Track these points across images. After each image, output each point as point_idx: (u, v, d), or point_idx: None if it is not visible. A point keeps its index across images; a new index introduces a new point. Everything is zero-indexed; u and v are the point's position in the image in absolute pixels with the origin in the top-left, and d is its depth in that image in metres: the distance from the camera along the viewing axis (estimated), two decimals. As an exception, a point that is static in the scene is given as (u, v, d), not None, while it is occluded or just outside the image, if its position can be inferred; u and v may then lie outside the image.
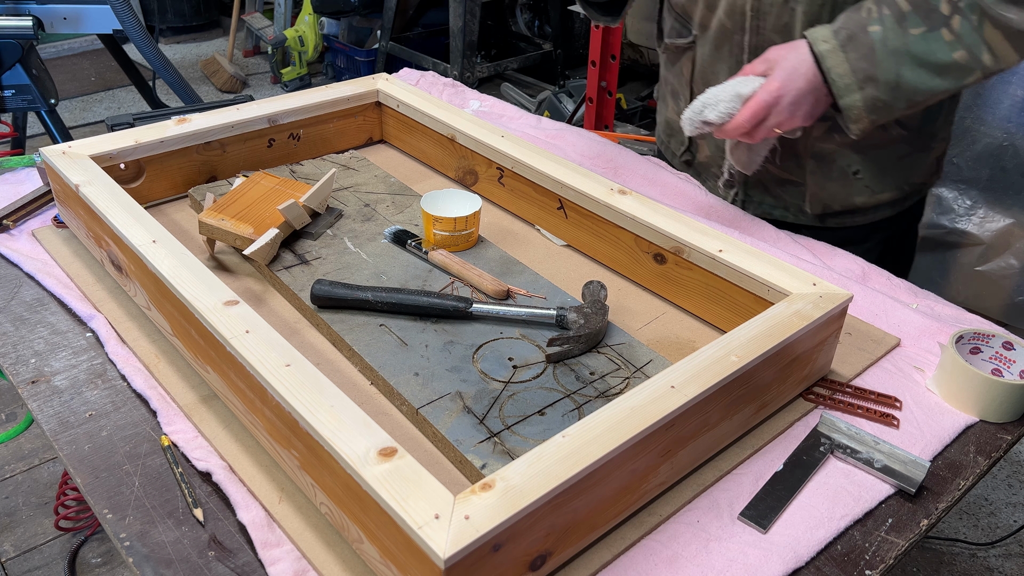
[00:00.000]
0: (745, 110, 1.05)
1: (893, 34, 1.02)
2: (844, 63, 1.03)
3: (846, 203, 1.28)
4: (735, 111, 1.06)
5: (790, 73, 1.04)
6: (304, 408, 0.72)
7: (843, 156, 1.23)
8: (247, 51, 4.88)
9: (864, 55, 1.02)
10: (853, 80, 1.03)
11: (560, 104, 3.48)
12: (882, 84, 1.03)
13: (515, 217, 1.25)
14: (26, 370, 0.96)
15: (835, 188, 1.26)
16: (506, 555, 0.66)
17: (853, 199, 1.27)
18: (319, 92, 1.37)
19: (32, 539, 1.94)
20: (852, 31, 1.03)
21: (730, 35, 1.20)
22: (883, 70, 1.02)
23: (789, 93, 1.04)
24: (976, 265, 2.52)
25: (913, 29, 1.01)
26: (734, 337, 0.84)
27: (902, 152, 1.24)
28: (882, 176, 1.25)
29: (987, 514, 2.15)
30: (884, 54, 1.02)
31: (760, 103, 1.04)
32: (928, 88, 1.03)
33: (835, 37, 1.03)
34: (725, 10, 1.19)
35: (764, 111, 1.05)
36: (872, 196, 1.27)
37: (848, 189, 1.26)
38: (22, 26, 2.25)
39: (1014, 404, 0.93)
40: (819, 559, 0.77)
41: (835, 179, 1.25)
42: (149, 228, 0.97)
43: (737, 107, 1.06)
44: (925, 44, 1.01)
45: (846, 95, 1.04)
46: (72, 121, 3.94)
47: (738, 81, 1.08)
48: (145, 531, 0.77)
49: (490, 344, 0.95)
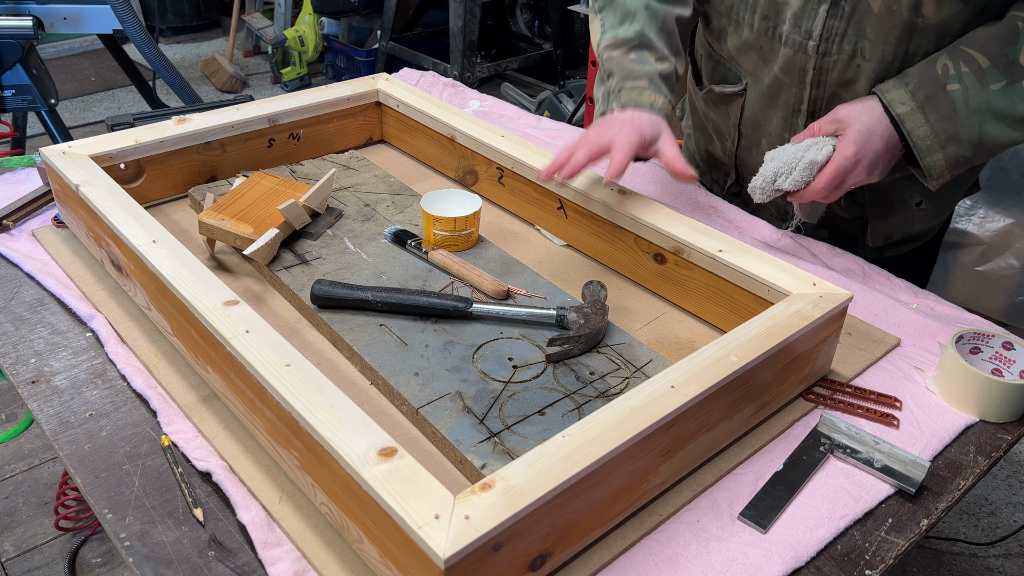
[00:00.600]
0: (822, 177, 1.02)
1: (974, 92, 0.98)
2: (925, 124, 1.00)
3: (906, 232, 1.26)
4: (810, 178, 1.03)
5: (866, 137, 1.01)
6: (304, 408, 0.72)
7: (903, 187, 1.20)
8: (247, 51, 4.88)
9: (945, 115, 0.99)
10: (935, 141, 1.00)
11: (560, 104, 3.48)
12: (965, 143, 1.00)
13: (515, 217, 1.25)
14: (26, 370, 0.96)
15: (897, 220, 1.24)
16: (506, 555, 0.66)
17: (913, 227, 1.26)
18: (319, 92, 1.37)
19: (32, 539, 1.94)
20: (930, 92, 1.00)
21: (787, 88, 1.15)
22: (966, 129, 0.99)
23: (867, 157, 1.01)
24: (976, 265, 2.52)
25: (994, 84, 0.98)
26: (734, 337, 0.84)
27: (962, 178, 1.22)
28: (942, 202, 1.24)
29: (987, 514, 2.15)
30: (966, 114, 0.99)
31: (839, 169, 1.01)
32: (1010, 140, 1.01)
33: (913, 99, 1.00)
34: (781, 66, 1.13)
35: (842, 176, 1.02)
36: (930, 222, 1.27)
37: (909, 219, 1.24)
38: (22, 26, 2.25)
39: (1014, 404, 0.93)
40: (819, 559, 0.77)
41: (897, 211, 1.23)
42: (149, 228, 0.97)
43: (812, 174, 1.03)
44: (1007, 99, 0.98)
45: (928, 156, 1.01)
46: (72, 121, 3.94)
47: (808, 144, 1.04)
48: (145, 531, 0.77)
49: (490, 344, 0.95)
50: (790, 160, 1.04)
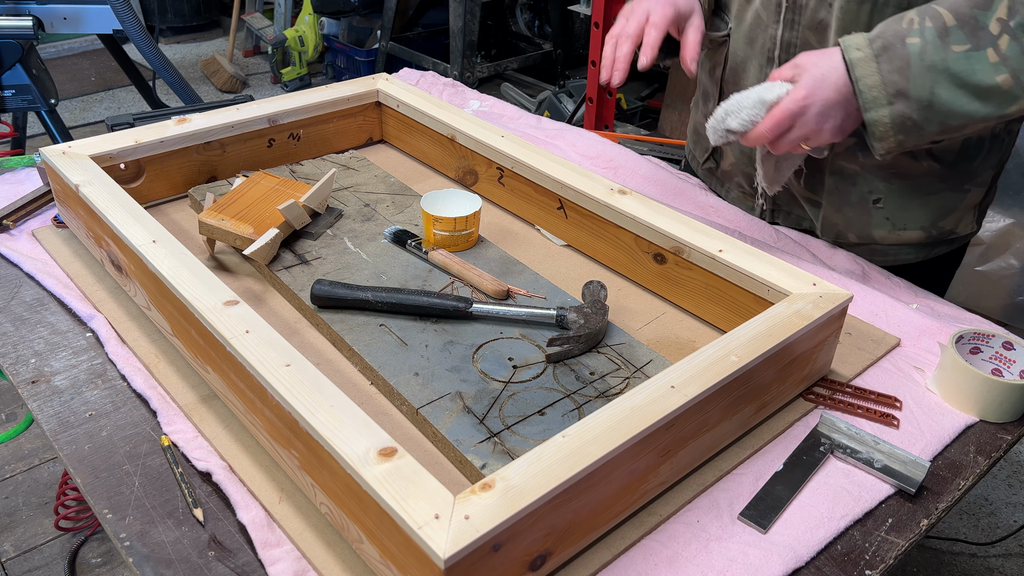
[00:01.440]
0: (768, 118, 0.99)
1: (933, 48, 0.93)
2: (876, 74, 0.95)
3: (863, 234, 1.21)
4: (758, 118, 1.00)
5: (819, 81, 0.97)
6: (304, 408, 0.72)
7: (866, 180, 1.16)
8: (247, 51, 4.88)
9: (898, 68, 0.94)
10: (883, 93, 0.95)
11: (560, 104, 3.48)
12: (913, 101, 0.95)
13: (515, 217, 1.25)
14: (26, 370, 0.96)
15: (852, 214, 1.19)
16: (506, 555, 0.66)
17: (871, 231, 1.20)
18: (319, 92, 1.37)
19: (32, 539, 1.94)
20: (889, 41, 0.95)
21: (764, 27, 1.14)
22: (916, 86, 0.94)
23: (816, 103, 0.97)
24: (976, 265, 2.52)
25: (956, 46, 0.93)
26: (734, 337, 0.84)
27: (932, 188, 1.15)
28: (906, 210, 1.17)
29: (987, 514, 2.15)
30: (920, 68, 0.94)
31: (784, 111, 0.97)
32: (964, 112, 0.94)
33: (870, 46, 0.96)
34: (762, 1, 1.13)
35: (788, 120, 0.98)
36: (892, 231, 1.19)
37: (867, 218, 1.19)
38: (22, 26, 2.25)
39: (1014, 404, 0.93)
40: (819, 559, 0.77)
41: (854, 204, 1.19)
42: (149, 228, 0.97)
43: (761, 114, 1.00)
44: (967, 63, 0.92)
45: (873, 109, 0.96)
46: (72, 121, 3.94)
47: (764, 87, 1.02)
48: (145, 531, 0.77)
49: (490, 344, 0.95)
50: (741, 99, 1.02)
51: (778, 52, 1.14)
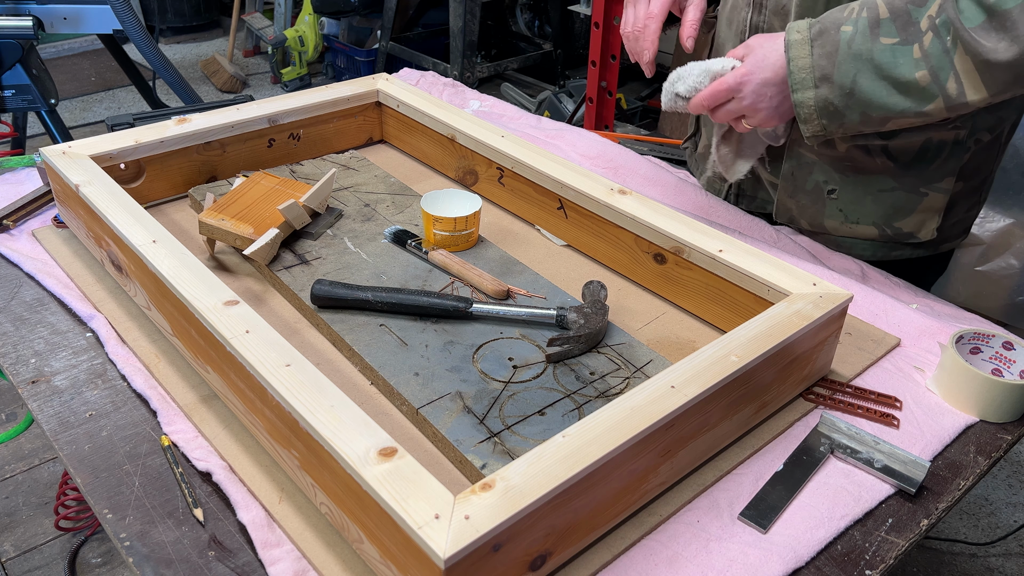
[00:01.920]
0: (708, 88, 1.05)
1: (862, 37, 0.97)
2: (808, 56, 0.99)
3: (814, 222, 1.22)
4: (702, 86, 1.06)
5: (760, 61, 1.02)
6: (304, 408, 0.72)
7: (822, 169, 1.17)
8: (247, 51, 4.88)
9: (828, 53, 0.98)
10: (810, 76, 1.00)
11: (560, 104, 3.48)
12: (836, 87, 0.99)
13: (515, 217, 1.25)
14: (26, 370, 0.96)
15: (806, 201, 1.21)
16: (506, 555, 0.66)
17: (823, 220, 1.21)
18: (319, 92, 1.37)
19: (32, 539, 1.94)
20: (826, 26, 0.99)
21: (739, 10, 1.19)
22: (840, 72, 0.98)
23: (753, 81, 1.02)
24: (976, 265, 2.52)
25: (885, 38, 0.96)
26: (734, 337, 0.84)
27: (885, 185, 1.15)
28: (859, 204, 1.18)
29: (987, 514, 2.15)
30: (846, 55, 0.97)
31: (723, 84, 1.03)
32: (883, 103, 0.98)
33: (809, 29, 1.00)
34: None
35: (725, 94, 1.04)
36: (844, 223, 1.20)
37: (819, 207, 1.20)
38: (22, 26, 2.25)
39: (1014, 404, 0.93)
40: (819, 559, 0.77)
41: (808, 191, 1.20)
42: (149, 228, 0.97)
43: (705, 83, 1.06)
44: (891, 56, 0.96)
45: (800, 90, 1.00)
46: (72, 121, 3.94)
47: (714, 60, 1.07)
48: (145, 531, 0.77)
49: (490, 344, 0.95)
50: (693, 68, 1.07)
51: (748, 34, 1.18)
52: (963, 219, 1.24)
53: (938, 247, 1.24)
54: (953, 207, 1.20)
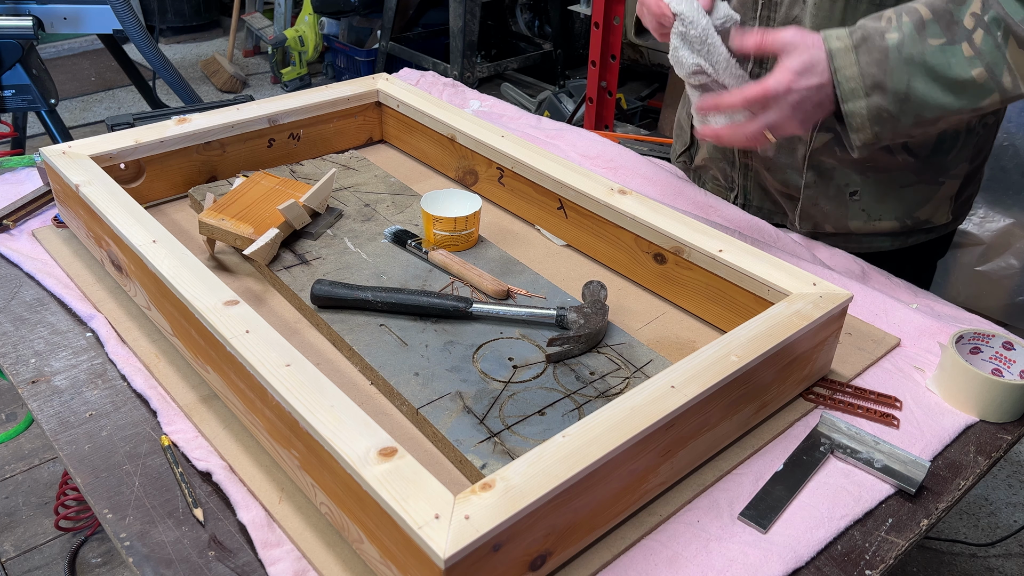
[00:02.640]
0: (750, 90, 0.96)
1: (911, 42, 0.94)
2: (854, 64, 0.95)
3: (839, 225, 1.23)
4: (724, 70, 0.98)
5: (808, 66, 0.95)
6: (304, 408, 0.72)
7: (843, 174, 1.18)
8: (247, 51, 4.88)
9: (876, 60, 0.94)
10: (860, 85, 0.95)
11: (560, 104, 3.48)
12: (890, 93, 0.95)
13: (515, 217, 1.25)
14: (26, 370, 0.96)
15: (829, 207, 1.22)
16: (506, 555, 0.66)
17: (847, 222, 1.22)
18: (319, 92, 1.37)
19: (32, 539, 1.94)
20: (868, 33, 0.96)
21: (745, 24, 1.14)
22: (894, 79, 0.95)
23: (799, 91, 0.95)
24: (976, 265, 2.52)
25: (932, 39, 0.94)
26: (734, 337, 0.84)
27: (906, 180, 1.18)
28: (881, 202, 1.19)
29: (987, 514, 2.15)
30: (897, 61, 0.94)
31: (768, 89, 0.95)
32: (939, 105, 0.96)
33: (850, 36, 0.96)
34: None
35: (769, 99, 0.95)
36: (867, 222, 1.22)
37: (843, 210, 1.21)
38: (22, 26, 2.25)
39: (1014, 404, 0.93)
40: (819, 559, 0.77)
41: (831, 197, 1.21)
42: (149, 228, 0.97)
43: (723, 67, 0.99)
44: (943, 56, 0.94)
45: (851, 100, 0.96)
46: (72, 121, 3.94)
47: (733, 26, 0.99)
48: (145, 531, 0.77)
49: (490, 344, 0.95)
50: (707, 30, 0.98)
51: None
52: (969, 196, 1.27)
53: (948, 227, 1.27)
54: (963, 188, 1.23)
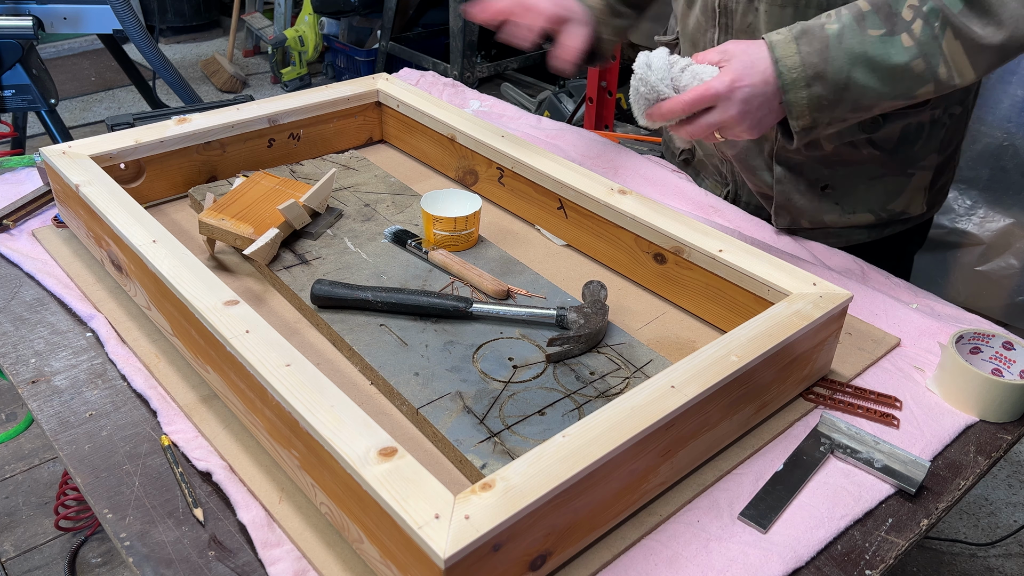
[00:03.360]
0: (690, 92, 0.96)
1: (850, 32, 0.95)
2: (795, 55, 0.95)
3: (815, 220, 1.25)
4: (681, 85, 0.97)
5: (748, 66, 0.96)
6: (304, 408, 0.72)
7: (812, 168, 1.20)
8: (247, 51, 4.88)
9: (817, 50, 0.95)
10: (802, 75, 0.95)
11: (560, 104, 3.48)
12: (831, 83, 0.96)
13: (515, 217, 1.25)
14: (26, 370, 0.96)
15: (803, 202, 1.23)
16: (506, 555, 0.66)
17: (822, 216, 1.24)
18: (319, 92, 1.37)
19: (32, 539, 1.94)
20: (808, 26, 0.97)
21: (704, 31, 1.20)
22: (834, 68, 0.95)
23: (743, 89, 0.95)
24: (976, 265, 2.52)
25: (872, 30, 0.95)
26: (734, 337, 0.84)
27: (875, 173, 1.20)
28: (853, 195, 1.21)
29: (987, 514, 2.15)
30: (838, 50, 0.95)
31: (709, 89, 0.95)
32: (876, 93, 0.97)
33: (789, 31, 0.97)
34: (700, 7, 1.19)
35: (711, 99, 0.95)
36: (842, 216, 1.23)
37: (817, 204, 1.23)
38: (22, 26, 2.25)
39: (1014, 404, 0.93)
40: (819, 559, 0.77)
41: (803, 192, 1.22)
42: (149, 228, 0.97)
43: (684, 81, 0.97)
44: (882, 47, 0.95)
45: (792, 90, 0.96)
46: (72, 121, 3.94)
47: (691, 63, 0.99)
48: (145, 531, 0.77)
49: (490, 344, 0.95)
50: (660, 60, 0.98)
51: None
52: (944, 185, 1.30)
53: (924, 217, 1.30)
54: (936, 178, 1.26)
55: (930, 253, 2.58)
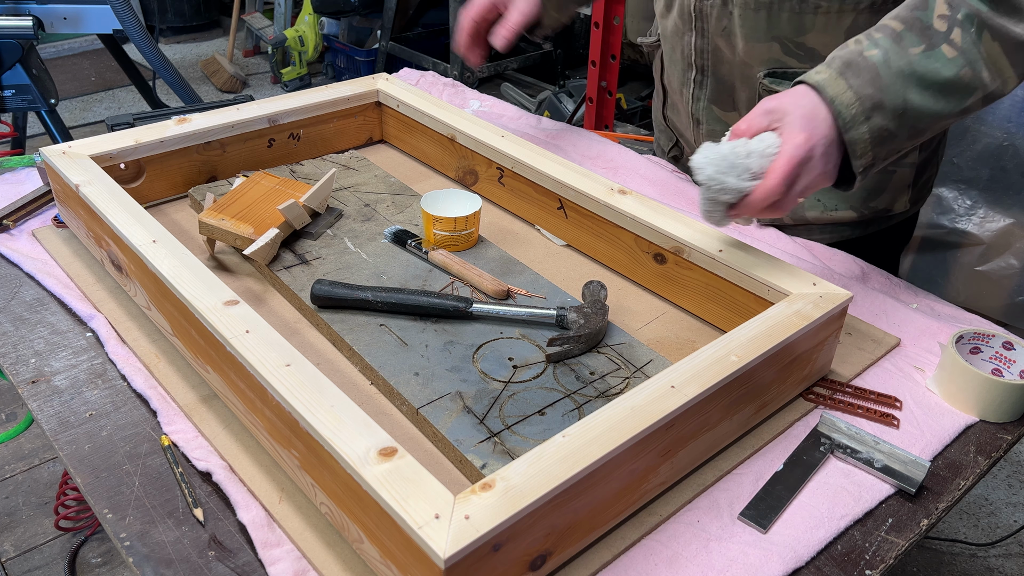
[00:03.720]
0: (773, 172, 0.86)
1: (895, 55, 0.90)
2: (848, 90, 0.89)
3: (796, 216, 1.25)
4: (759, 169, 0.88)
5: (812, 120, 0.88)
6: (304, 408, 0.72)
7: None
8: (247, 51, 4.88)
9: (868, 80, 0.89)
10: (860, 110, 0.89)
11: (560, 104, 3.48)
12: (889, 111, 0.90)
13: (515, 217, 1.25)
14: (26, 370, 0.96)
15: None
16: (506, 555, 0.66)
17: (804, 212, 1.24)
18: (319, 92, 1.37)
19: (32, 539, 1.94)
20: (847, 59, 0.91)
21: (681, 35, 1.21)
22: (890, 94, 0.89)
23: (819, 143, 0.88)
24: (976, 265, 2.52)
25: (912, 48, 0.90)
26: (734, 337, 0.84)
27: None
28: (834, 192, 1.20)
29: (987, 514, 2.15)
30: (889, 76, 0.89)
31: (792, 160, 0.86)
32: (932, 112, 0.91)
33: (828, 67, 0.91)
34: (677, 10, 1.20)
35: (797, 168, 0.87)
36: (824, 212, 1.23)
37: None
38: (22, 26, 2.25)
39: (1014, 404, 0.93)
40: (819, 559, 0.77)
41: None
42: (149, 228, 0.97)
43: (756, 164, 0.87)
44: (929, 62, 0.90)
45: (853, 128, 0.89)
46: (72, 121, 3.94)
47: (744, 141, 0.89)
48: (145, 531, 0.77)
49: (490, 344, 0.95)
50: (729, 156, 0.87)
51: (694, 58, 1.21)
52: (927, 181, 1.29)
53: (907, 213, 1.30)
54: (919, 175, 1.25)
55: (930, 253, 2.58)
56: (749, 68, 1.15)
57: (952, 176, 2.49)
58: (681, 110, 1.30)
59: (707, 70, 1.21)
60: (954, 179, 2.49)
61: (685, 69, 1.23)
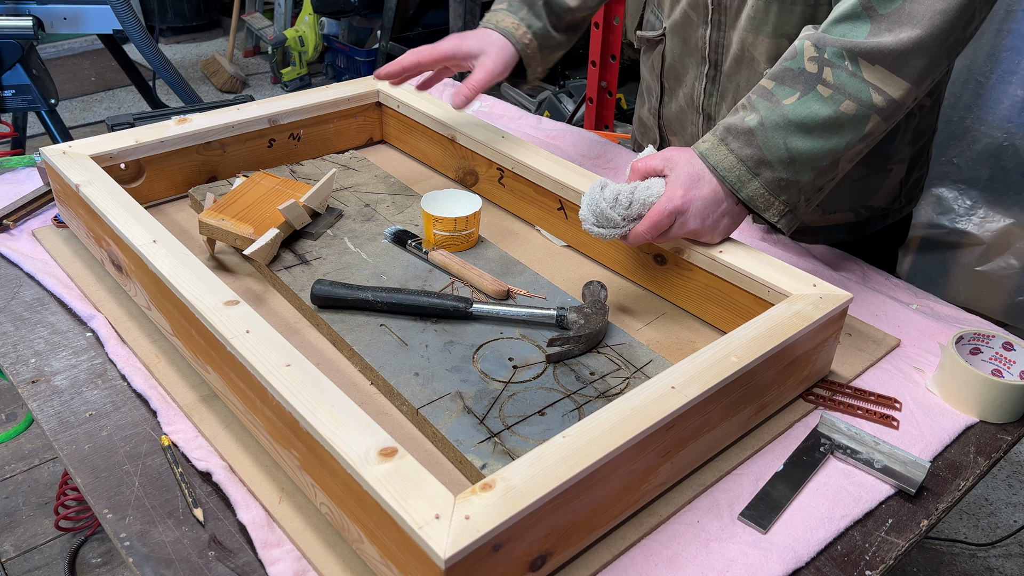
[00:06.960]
0: (647, 220, 0.95)
1: (767, 112, 0.95)
2: (729, 156, 0.95)
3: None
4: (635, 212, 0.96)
5: (694, 179, 0.95)
6: (304, 408, 0.72)
7: None
8: (247, 51, 4.88)
9: (745, 141, 0.95)
10: (745, 171, 0.95)
11: (560, 104, 3.48)
12: (776, 164, 0.94)
13: (515, 217, 1.25)
14: (26, 370, 0.96)
15: None
16: (506, 555, 0.66)
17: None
18: (319, 92, 1.37)
19: (32, 539, 1.94)
20: (729, 124, 0.97)
21: (695, 28, 1.20)
22: (771, 148, 0.94)
23: (695, 202, 0.95)
24: (976, 265, 2.52)
25: (786, 100, 0.94)
26: (734, 338, 0.84)
27: (858, 174, 1.19)
28: (834, 195, 1.20)
29: (987, 514, 2.15)
30: (765, 133, 0.94)
31: (662, 212, 0.94)
32: (827, 150, 0.94)
33: (713, 135, 0.97)
34: (689, 3, 1.19)
35: (668, 219, 0.94)
36: (822, 216, 1.24)
37: None
38: (22, 26, 2.25)
39: (1014, 404, 0.93)
40: (819, 559, 0.77)
41: None
42: (149, 228, 0.97)
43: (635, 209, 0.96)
44: (803, 108, 0.93)
45: (743, 188, 0.95)
46: (72, 121, 3.94)
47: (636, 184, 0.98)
48: (145, 531, 0.77)
49: (490, 344, 0.95)
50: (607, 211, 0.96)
51: (708, 52, 1.20)
52: (919, 178, 1.30)
53: (902, 212, 1.30)
54: (910, 171, 1.26)
55: (930, 253, 2.58)
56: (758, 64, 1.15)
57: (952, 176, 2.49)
58: (686, 106, 1.29)
59: (721, 64, 1.19)
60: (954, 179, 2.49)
61: (699, 62, 1.21)
